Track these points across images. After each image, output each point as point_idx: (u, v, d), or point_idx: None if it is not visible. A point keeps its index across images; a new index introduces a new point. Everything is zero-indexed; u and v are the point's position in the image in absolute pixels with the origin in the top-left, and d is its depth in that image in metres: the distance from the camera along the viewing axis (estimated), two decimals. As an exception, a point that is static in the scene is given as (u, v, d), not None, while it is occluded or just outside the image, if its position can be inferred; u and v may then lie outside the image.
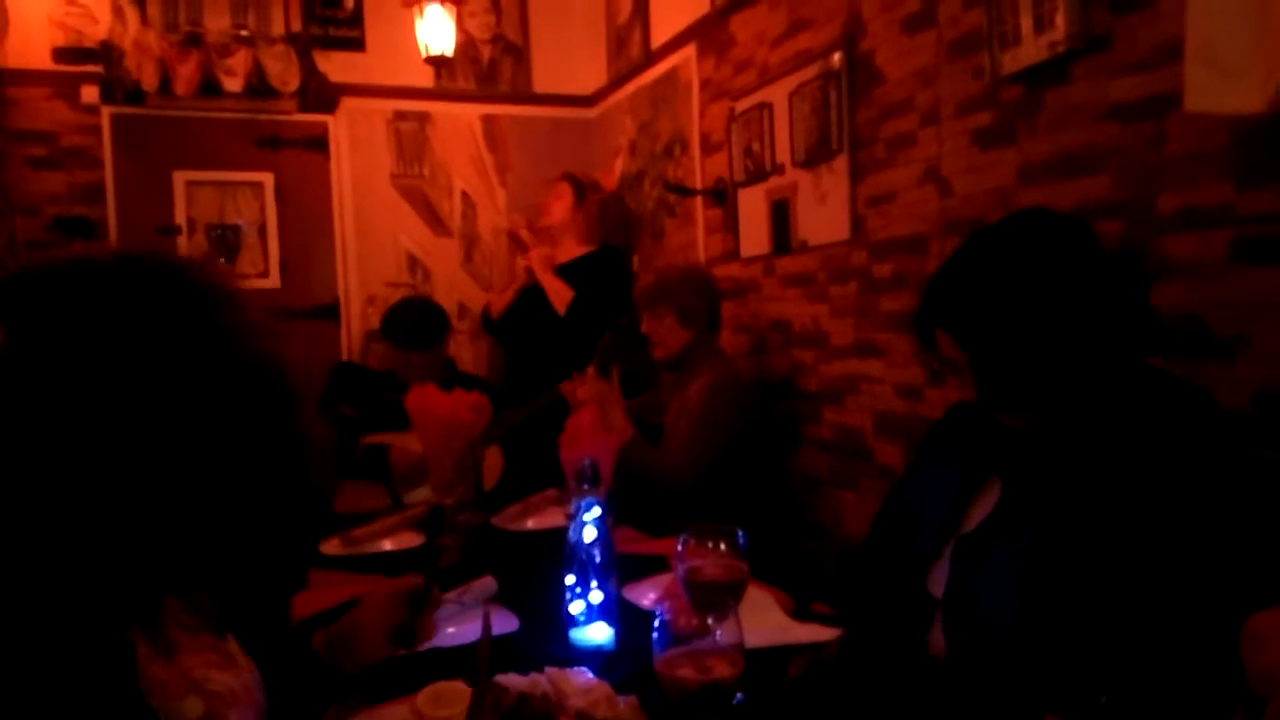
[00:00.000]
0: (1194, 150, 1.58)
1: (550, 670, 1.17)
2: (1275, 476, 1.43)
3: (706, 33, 3.34)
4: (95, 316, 0.73)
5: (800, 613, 1.49)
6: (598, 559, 1.41)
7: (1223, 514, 1.11)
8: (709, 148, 3.38)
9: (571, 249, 3.63)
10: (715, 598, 1.15)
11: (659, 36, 3.74)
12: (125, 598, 0.77)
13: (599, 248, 3.66)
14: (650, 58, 3.81)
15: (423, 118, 4.23)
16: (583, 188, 3.66)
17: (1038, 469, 1.28)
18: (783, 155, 2.86)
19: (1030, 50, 1.87)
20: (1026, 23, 1.87)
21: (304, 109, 3.98)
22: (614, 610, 1.41)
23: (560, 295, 3.45)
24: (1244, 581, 1.08)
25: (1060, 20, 1.78)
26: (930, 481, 1.44)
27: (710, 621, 1.06)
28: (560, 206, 3.64)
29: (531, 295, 3.56)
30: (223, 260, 3.94)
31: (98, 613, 0.74)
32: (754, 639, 1.09)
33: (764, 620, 1.40)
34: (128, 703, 0.73)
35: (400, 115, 4.20)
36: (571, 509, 1.45)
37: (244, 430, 0.78)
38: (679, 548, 1.30)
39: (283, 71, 3.85)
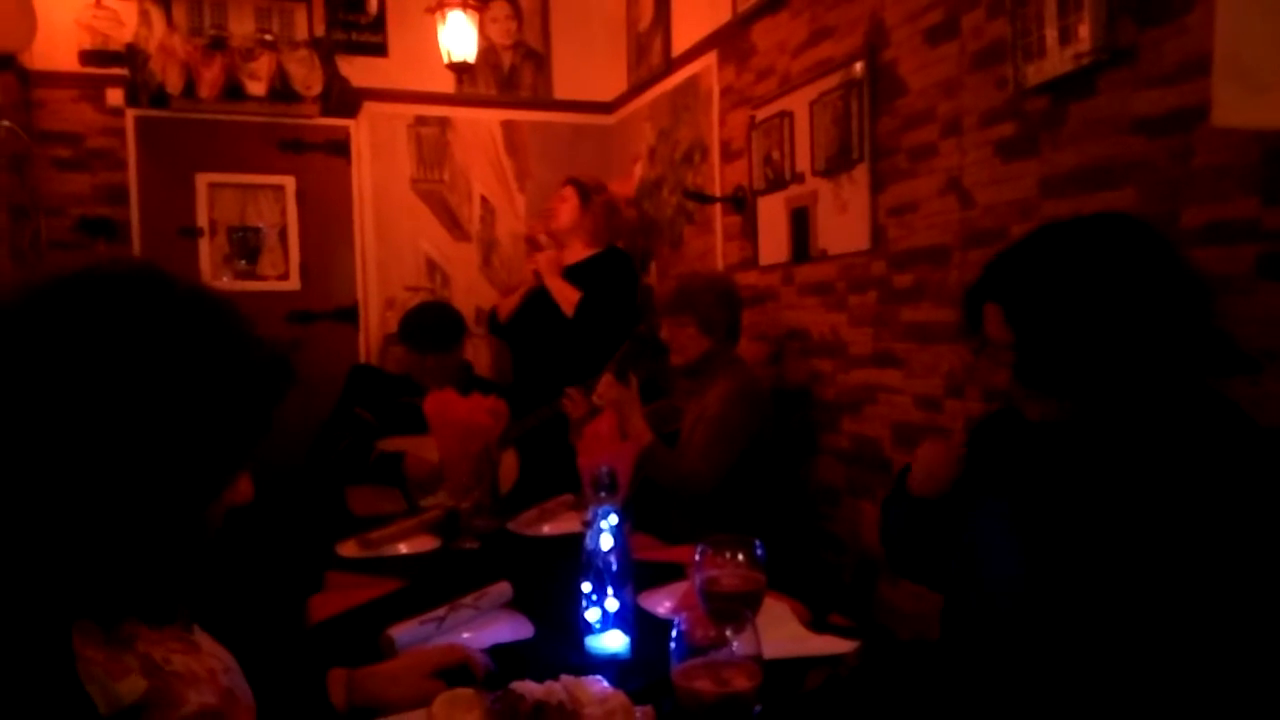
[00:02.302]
0: (1220, 164, 1.57)
1: (566, 678, 1.17)
2: None
3: (728, 41, 3.34)
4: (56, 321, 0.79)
5: (817, 624, 1.48)
6: (614, 567, 1.40)
7: (1253, 532, 1.10)
8: (729, 155, 3.38)
9: (579, 251, 3.66)
10: (732, 608, 1.14)
11: (680, 44, 3.74)
12: (71, 585, 0.79)
13: (606, 249, 3.68)
14: (671, 65, 3.81)
15: (443, 123, 4.25)
16: (587, 191, 3.68)
17: (1057, 468, 1.27)
18: (803, 164, 2.86)
19: (1055, 62, 1.86)
20: (1051, 34, 1.86)
21: (326, 113, 4.00)
22: (630, 618, 1.41)
23: (567, 298, 3.47)
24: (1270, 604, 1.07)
25: (1085, 32, 1.78)
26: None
27: (728, 633, 1.05)
28: (566, 210, 3.67)
29: (539, 299, 3.58)
30: (243, 262, 3.97)
31: (38, 600, 0.76)
32: (770, 650, 1.09)
33: (780, 631, 1.39)
34: (58, 683, 0.74)
35: (421, 120, 4.22)
36: (588, 516, 1.44)
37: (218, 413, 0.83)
38: (696, 558, 1.30)
39: (306, 76, 3.88)
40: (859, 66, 2.56)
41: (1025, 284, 1.28)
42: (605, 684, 1.17)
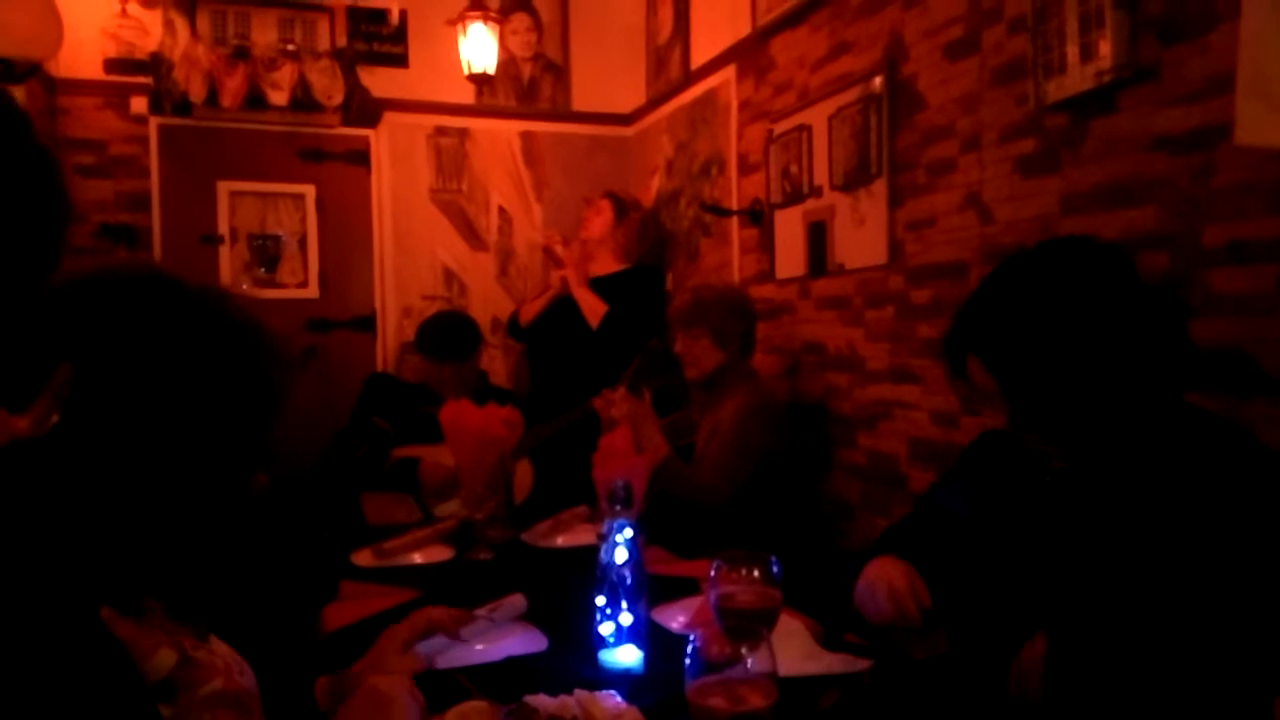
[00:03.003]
0: (1243, 183, 1.56)
1: (579, 693, 1.17)
2: None
3: (747, 54, 3.35)
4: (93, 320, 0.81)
5: (831, 641, 1.47)
6: (629, 581, 1.40)
7: (1258, 554, 1.09)
8: (746, 168, 3.38)
9: (607, 264, 3.65)
10: (748, 625, 1.14)
11: (699, 57, 3.75)
12: (103, 579, 0.81)
13: (635, 265, 3.67)
14: (690, 78, 3.82)
15: (462, 133, 4.28)
16: (624, 206, 3.68)
17: (1065, 498, 1.26)
18: (821, 178, 2.86)
19: (1076, 79, 1.86)
20: (1072, 51, 1.86)
21: (347, 123, 4.03)
22: (644, 633, 1.41)
23: (594, 309, 3.46)
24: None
25: (1107, 49, 1.77)
26: (956, 501, 1.44)
27: (743, 650, 1.05)
28: (600, 222, 3.66)
29: (563, 306, 3.58)
30: (263, 270, 4.00)
31: (70, 583, 0.77)
32: (785, 668, 1.08)
33: (795, 649, 1.38)
34: (107, 659, 0.74)
35: (441, 130, 4.24)
36: (603, 529, 1.44)
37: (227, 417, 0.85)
38: (711, 573, 1.29)
39: (327, 86, 3.91)
40: (878, 81, 2.56)
41: (997, 334, 1.26)
42: (619, 699, 1.17)
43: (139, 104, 3.74)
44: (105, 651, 0.74)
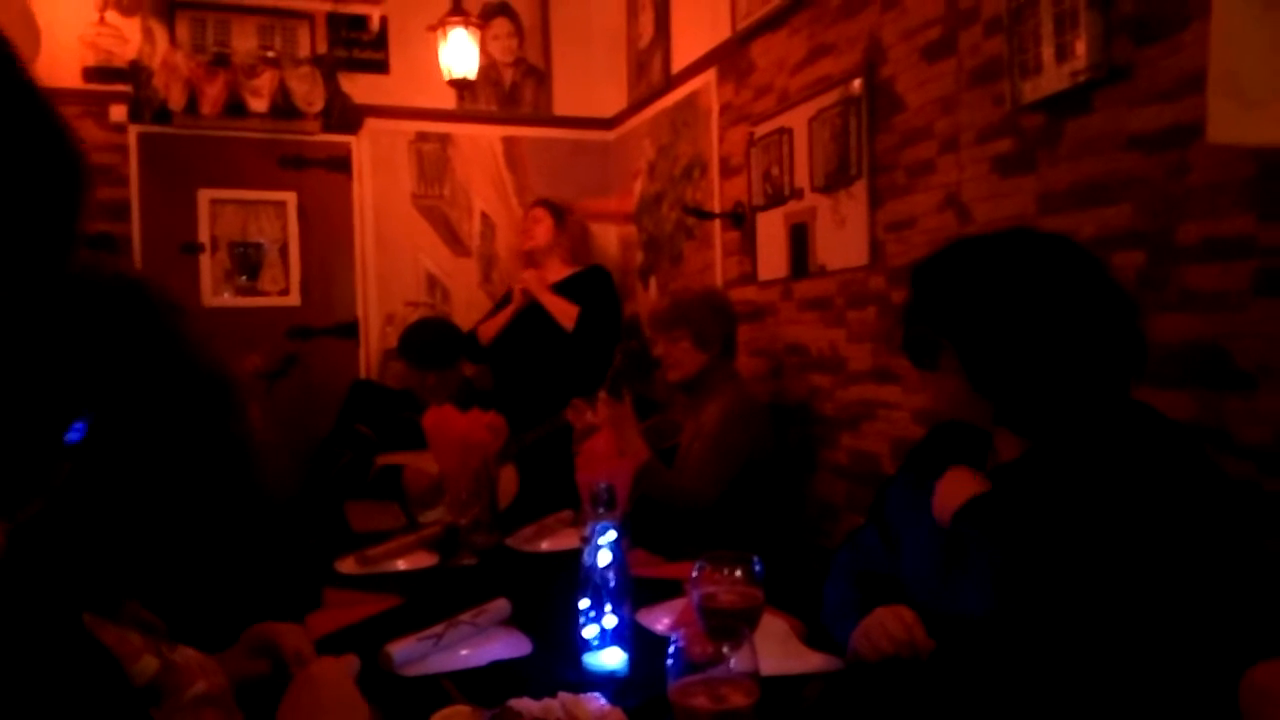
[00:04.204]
0: (1216, 181, 1.58)
1: (563, 695, 1.17)
2: (1258, 516, 1.43)
3: (727, 58, 3.36)
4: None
5: (814, 640, 1.48)
6: (612, 583, 1.40)
7: (1194, 554, 1.10)
8: (728, 171, 3.39)
9: (558, 269, 3.76)
10: (730, 625, 1.14)
11: (680, 61, 3.76)
12: (85, 584, 0.78)
13: (587, 268, 3.73)
14: (670, 82, 3.83)
15: (444, 139, 4.27)
16: (560, 212, 3.82)
17: (1007, 491, 1.27)
18: (802, 180, 2.87)
19: (1052, 79, 1.87)
20: (1048, 52, 1.87)
21: (327, 129, 4.03)
22: (628, 635, 1.41)
23: (566, 312, 3.51)
24: (1221, 626, 1.07)
25: (1082, 50, 1.79)
26: (910, 501, 1.44)
27: (725, 649, 1.05)
28: (542, 230, 3.78)
29: (524, 318, 3.61)
30: (244, 278, 3.98)
31: (55, 589, 0.75)
32: (767, 666, 1.09)
33: (778, 648, 1.39)
34: (95, 664, 0.73)
35: (422, 136, 4.24)
36: (587, 532, 1.44)
37: (183, 429, 0.81)
38: (694, 574, 1.29)
39: (307, 92, 3.90)
40: (857, 84, 2.57)
41: (973, 331, 1.28)
42: (603, 701, 1.17)
43: (118, 112, 3.72)
44: (95, 659, 0.74)
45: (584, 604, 1.40)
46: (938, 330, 1.31)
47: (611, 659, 1.38)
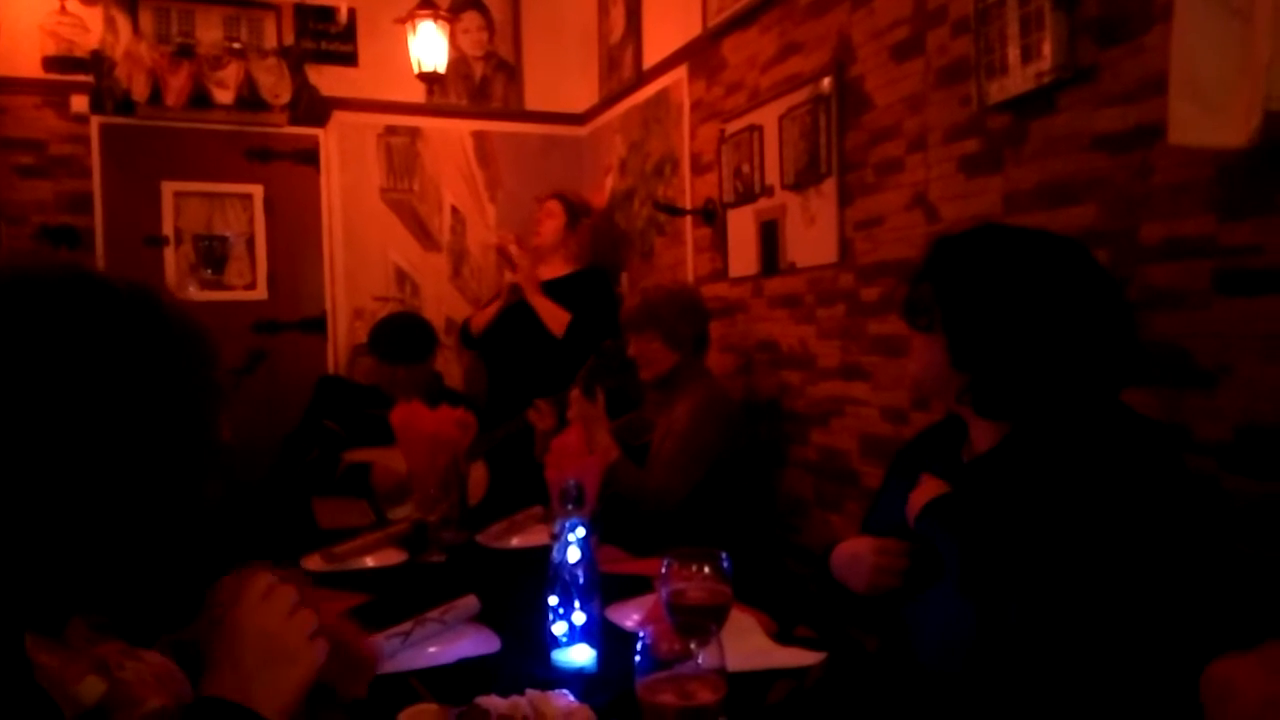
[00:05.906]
0: (1178, 182, 1.60)
1: (531, 693, 1.16)
2: (1225, 517, 1.46)
3: (698, 54, 3.36)
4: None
5: (783, 636, 1.48)
6: (581, 580, 1.40)
7: (1153, 549, 1.12)
8: (699, 168, 3.39)
9: (557, 267, 3.63)
10: (698, 621, 1.14)
11: (651, 57, 3.76)
12: (25, 601, 0.76)
13: (587, 267, 3.66)
14: (642, 78, 3.83)
15: (414, 133, 4.24)
16: (575, 210, 3.66)
17: (982, 484, 1.29)
18: (772, 177, 2.88)
19: (1017, 80, 1.89)
20: (1014, 53, 1.89)
21: (294, 122, 3.98)
22: (596, 632, 1.41)
23: (556, 318, 3.41)
24: (1182, 621, 1.09)
25: (1047, 51, 1.81)
26: (898, 503, 1.45)
27: (693, 645, 1.05)
28: (551, 225, 3.64)
29: (515, 312, 3.54)
30: (210, 272, 3.93)
31: None
32: (736, 662, 1.09)
33: (746, 643, 1.39)
34: (20, 693, 0.70)
35: (391, 130, 4.20)
36: (556, 529, 1.44)
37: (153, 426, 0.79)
38: (662, 571, 1.30)
39: (274, 84, 3.85)
40: (827, 82, 2.58)
41: (966, 302, 1.31)
42: (571, 698, 1.17)
43: (79, 103, 3.65)
44: (21, 691, 0.71)
45: (553, 600, 1.40)
46: (936, 295, 1.34)
47: (580, 656, 1.38)
